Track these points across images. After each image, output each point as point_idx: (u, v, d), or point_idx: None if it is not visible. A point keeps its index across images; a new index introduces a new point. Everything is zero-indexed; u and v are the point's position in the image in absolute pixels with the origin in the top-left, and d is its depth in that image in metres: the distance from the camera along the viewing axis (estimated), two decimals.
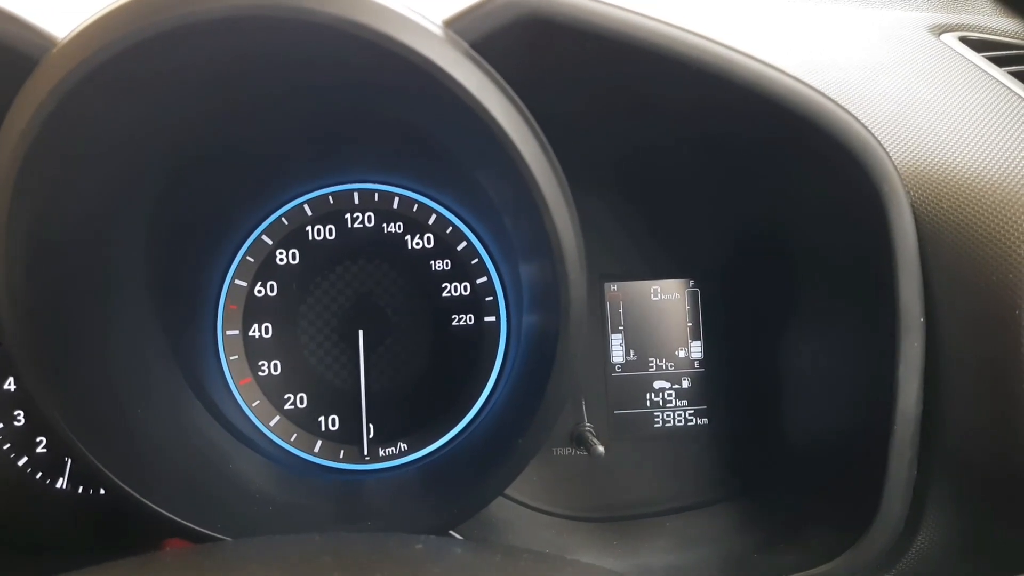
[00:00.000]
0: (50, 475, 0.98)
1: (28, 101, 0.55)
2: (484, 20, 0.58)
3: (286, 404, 1.00)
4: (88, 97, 0.55)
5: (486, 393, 1.01)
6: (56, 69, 0.54)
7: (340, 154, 0.92)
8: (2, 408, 0.98)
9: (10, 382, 0.99)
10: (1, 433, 0.98)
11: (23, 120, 0.54)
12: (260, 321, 1.00)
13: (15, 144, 0.55)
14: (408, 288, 1.02)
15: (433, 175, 0.94)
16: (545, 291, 0.69)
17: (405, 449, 1.00)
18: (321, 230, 1.01)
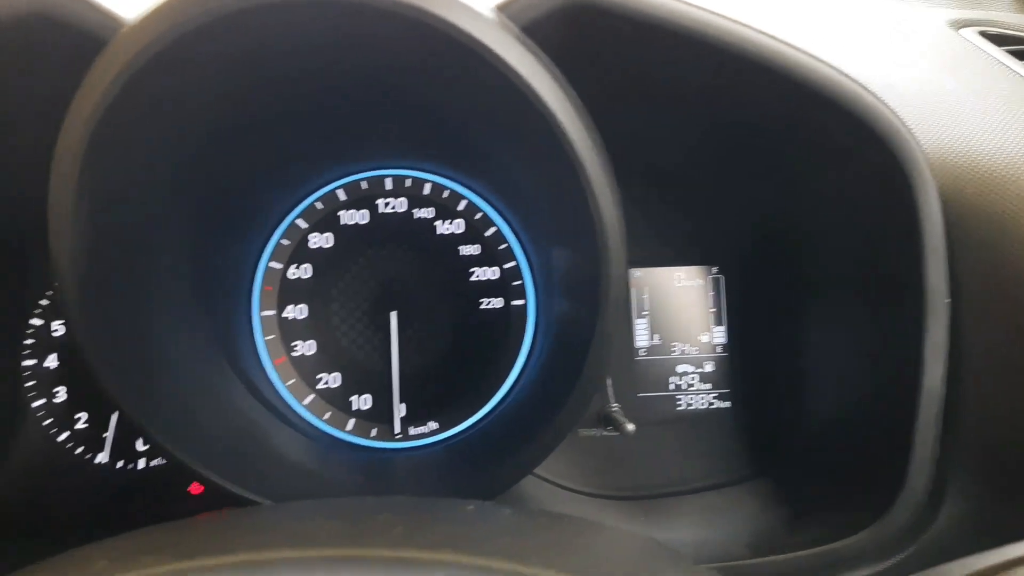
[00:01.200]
0: (90, 450, 1.01)
1: (97, 80, 0.57)
2: (534, 5, 0.60)
3: (319, 383, 1.02)
4: (155, 77, 0.58)
5: (515, 374, 1.03)
6: (127, 48, 0.56)
7: (374, 139, 0.94)
8: (43, 385, 1.01)
9: (49, 359, 1.01)
10: (43, 409, 1.00)
11: (93, 98, 0.57)
12: (294, 302, 1.02)
13: (85, 120, 0.57)
14: (438, 272, 1.04)
15: (466, 162, 0.96)
16: (583, 274, 0.72)
17: (436, 428, 1.02)
18: (354, 214, 1.03)
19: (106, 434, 1.01)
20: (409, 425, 1.02)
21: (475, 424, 1.03)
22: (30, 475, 0.99)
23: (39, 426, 1.00)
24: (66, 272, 0.63)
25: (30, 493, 0.98)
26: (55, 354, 1.01)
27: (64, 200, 0.61)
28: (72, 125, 0.59)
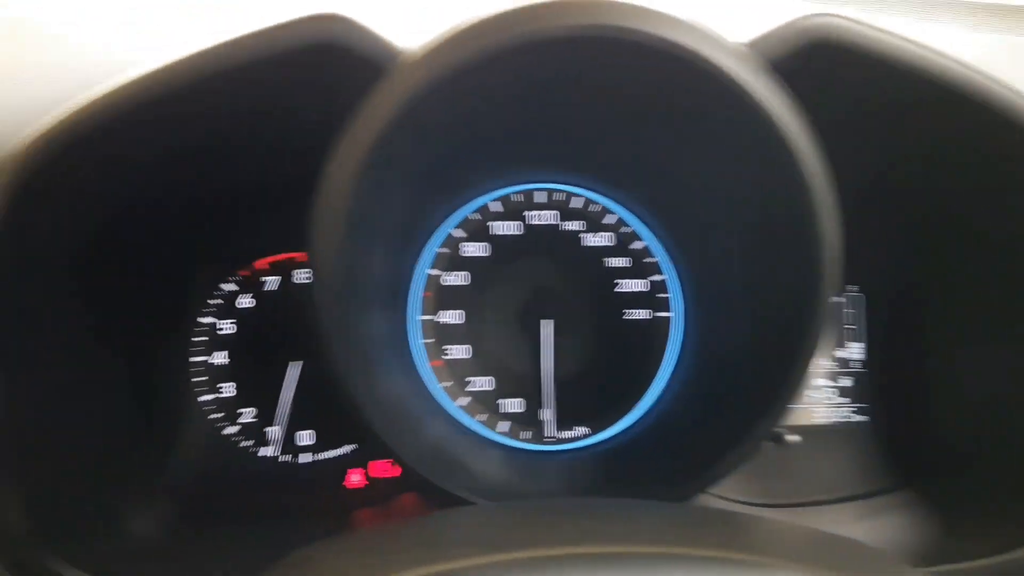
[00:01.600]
0: (257, 444, 1.06)
1: (380, 105, 0.62)
2: (783, 42, 0.65)
3: (473, 386, 1.07)
4: (428, 105, 0.63)
5: (661, 384, 1.08)
6: (410, 77, 0.61)
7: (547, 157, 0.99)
8: (211, 381, 1.06)
9: (217, 356, 1.07)
10: (211, 404, 1.06)
11: (374, 123, 0.62)
12: (450, 308, 1.07)
13: (368, 145, 0.62)
14: (585, 282, 1.09)
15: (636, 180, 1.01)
16: (783, 298, 0.76)
17: (586, 432, 1.07)
18: (507, 226, 1.08)
19: (270, 428, 1.06)
20: (559, 429, 1.07)
21: (624, 431, 1.07)
22: (199, 467, 1.04)
23: (207, 420, 1.05)
24: (330, 283, 0.68)
25: (199, 484, 1.03)
26: (223, 351, 1.06)
27: (335, 224, 0.66)
28: (352, 147, 0.63)
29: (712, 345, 0.99)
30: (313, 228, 0.69)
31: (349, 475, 1.08)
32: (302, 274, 1.07)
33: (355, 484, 1.08)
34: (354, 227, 0.69)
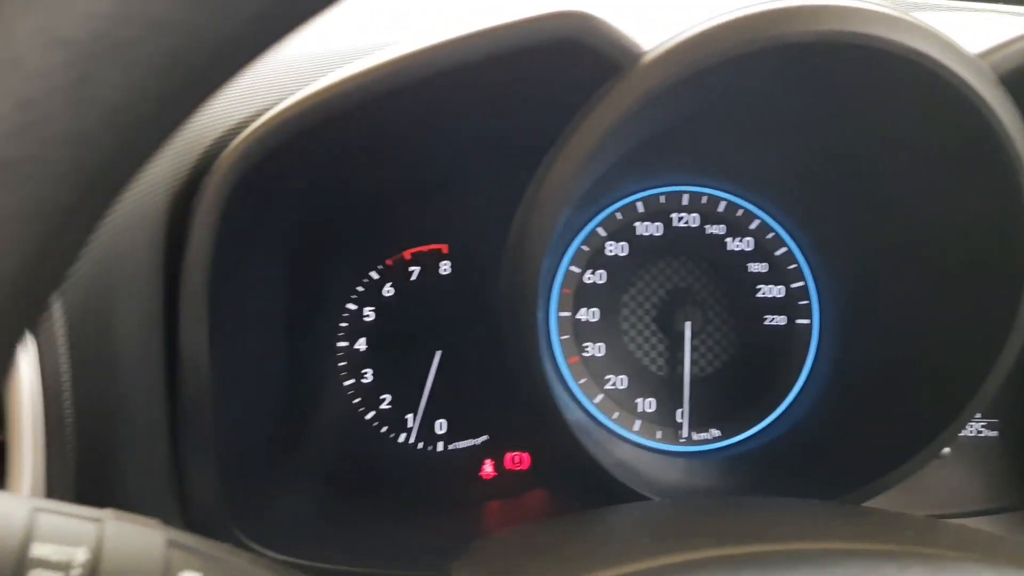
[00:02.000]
0: (394, 430, 1.09)
1: (617, 100, 0.63)
2: (1014, 56, 0.64)
3: (607, 384, 1.08)
4: (662, 102, 0.64)
5: (795, 391, 1.07)
6: (649, 76, 0.62)
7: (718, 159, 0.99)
8: (353, 366, 1.08)
9: (360, 342, 1.09)
10: (352, 388, 1.08)
11: (608, 119, 0.63)
12: (588, 306, 1.08)
13: (598, 140, 0.63)
14: (725, 286, 1.09)
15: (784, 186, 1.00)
16: (981, 319, 0.75)
17: (718, 435, 1.07)
18: (649, 226, 1.08)
19: (409, 415, 1.08)
20: (692, 430, 1.07)
21: (756, 436, 1.07)
22: (343, 449, 1.07)
23: (349, 404, 1.08)
24: (533, 283, 0.69)
25: (343, 466, 1.06)
26: (364, 338, 1.09)
27: (552, 214, 0.67)
28: (582, 139, 0.65)
29: (863, 355, 0.98)
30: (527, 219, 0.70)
31: (483, 466, 1.09)
32: (446, 266, 1.09)
33: (487, 475, 1.09)
34: (563, 217, 0.70)
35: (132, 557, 0.48)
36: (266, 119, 0.71)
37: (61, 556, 0.45)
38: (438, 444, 1.09)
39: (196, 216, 0.69)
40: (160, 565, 0.48)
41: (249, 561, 0.53)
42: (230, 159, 0.68)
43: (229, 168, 0.68)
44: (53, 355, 0.62)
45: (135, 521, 0.50)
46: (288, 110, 0.70)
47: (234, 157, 0.68)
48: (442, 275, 1.09)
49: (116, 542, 0.47)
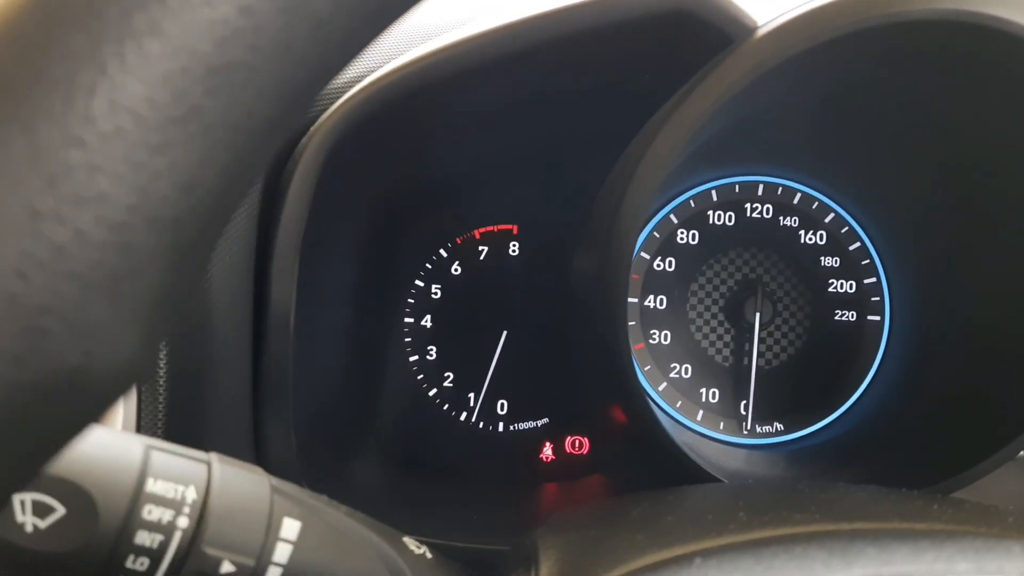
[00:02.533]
0: (455, 408, 1.09)
1: (728, 73, 0.63)
2: None
3: (672, 372, 1.07)
4: (771, 81, 0.63)
5: (862, 388, 1.06)
6: (762, 50, 0.62)
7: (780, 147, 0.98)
8: (418, 343, 1.09)
9: (425, 319, 1.09)
10: (416, 365, 1.09)
11: (717, 90, 0.63)
12: (656, 293, 1.07)
13: (703, 116, 0.63)
14: (795, 279, 1.08)
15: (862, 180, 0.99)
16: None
17: (781, 429, 1.06)
18: (721, 215, 1.07)
19: (471, 394, 1.09)
20: (756, 423, 1.06)
21: (820, 431, 1.06)
22: (404, 422, 1.07)
23: (414, 380, 1.08)
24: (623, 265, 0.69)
25: (407, 440, 1.07)
26: (430, 315, 1.09)
27: (650, 190, 0.67)
28: (687, 114, 0.64)
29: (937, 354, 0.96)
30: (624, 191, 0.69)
31: (542, 448, 1.09)
32: (515, 247, 1.09)
33: (547, 458, 1.09)
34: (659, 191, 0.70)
35: (239, 499, 0.48)
36: (363, 86, 0.71)
37: (173, 493, 0.46)
38: (499, 424, 1.09)
39: (295, 177, 0.69)
40: (265, 509, 0.48)
41: (346, 514, 0.54)
42: (329, 123, 0.69)
43: (327, 133, 0.69)
44: None
45: (240, 466, 0.51)
46: (385, 78, 0.71)
47: (333, 122, 0.69)
48: (511, 256, 1.09)
49: (223, 484, 0.48)
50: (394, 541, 0.54)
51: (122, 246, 0.26)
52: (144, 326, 0.26)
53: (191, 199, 0.27)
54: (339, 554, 0.50)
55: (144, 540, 0.44)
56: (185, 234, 0.27)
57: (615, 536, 0.56)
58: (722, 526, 0.52)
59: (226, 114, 0.26)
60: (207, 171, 0.27)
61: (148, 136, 0.26)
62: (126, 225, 0.26)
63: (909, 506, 0.58)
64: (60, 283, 0.25)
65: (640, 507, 0.61)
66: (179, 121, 0.26)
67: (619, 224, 0.69)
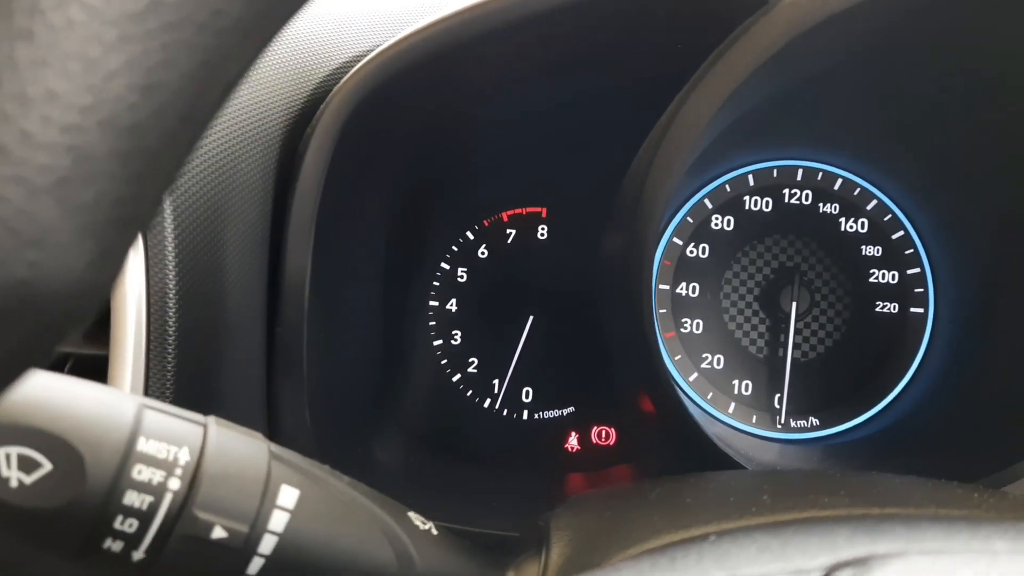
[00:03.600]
0: (479, 394, 1.06)
1: (762, 35, 0.60)
2: None
3: (703, 363, 1.04)
4: (805, 40, 0.60)
5: (903, 383, 1.01)
6: (797, 11, 0.59)
7: (819, 130, 0.94)
8: (443, 327, 1.06)
9: (451, 303, 1.07)
10: (440, 350, 1.06)
11: (751, 53, 0.59)
12: (689, 280, 1.04)
13: (737, 79, 0.60)
14: (835, 269, 1.03)
15: (909, 164, 0.95)
16: None
17: (817, 424, 1.02)
18: (758, 201, 1.04)
19: (496, 380, 1.06)
20: (790, 417, 1.02)
21: (857, 427, 1.01)
22: (427, 406, 1.05)
23: (438, 364, 1.06)
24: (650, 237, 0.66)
25: (429, 424, 1.05)
26: (455, 298, 1.06)
27: (677, 161, 0.64)
28: (722, 73, 0.61)
29: (984, 349, 0.92)
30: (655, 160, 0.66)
31: (567, 438, 1.06)
32: (543, 230, 1.06)
33: (573, 448, 1.06)
34: (687, 166, 0.67)
35: (234, 464, 0.46)
36: (382, 50, 0.69)
37: (165, 454, 0.44)
38: (523, 412, 1.07)
39: (312, 141, 0.68)
40: (262, 475, 0.46)
41: (348, 484, 0.51)
42: (349, 86, 0.67)
43: (347, 96, 0.66)
44: (161, 270, 0.61)
45: (239, 431, 0.49)
46: (403, 41, 0.68)
47: (353, 83, 0.67)
48: (539, 239, 1.07)
49: (219, 447, 0.46)
50: (398, 515, 0.51)
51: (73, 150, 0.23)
52: (97, 239, 0.24)
53: (152, 103, 0.24)
54: (339, 525, 0.48)
55: (133, 501, 0.42)
56: (146, 141, 0.25)
57: (630, 518, 0.53)
58: (743, 508, 0.48)
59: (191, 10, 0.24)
60: (170, 72, 0.25)
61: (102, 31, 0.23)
62: (78, 127, 0.24)
63: (947, 494, 0.54)
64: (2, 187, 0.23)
65: (659, 490, 0.58)
66: (137, 16, 0.24)
67: (646, 194, 0.66)
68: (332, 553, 0.47)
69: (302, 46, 0.73)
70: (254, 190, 0.68)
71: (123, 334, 0.59)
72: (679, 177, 0.66)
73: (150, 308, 0.60)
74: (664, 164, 0.65)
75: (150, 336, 0.60)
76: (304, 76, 0.72)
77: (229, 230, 0.65)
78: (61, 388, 0.43)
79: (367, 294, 0.94)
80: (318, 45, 0.74)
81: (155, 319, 0.60)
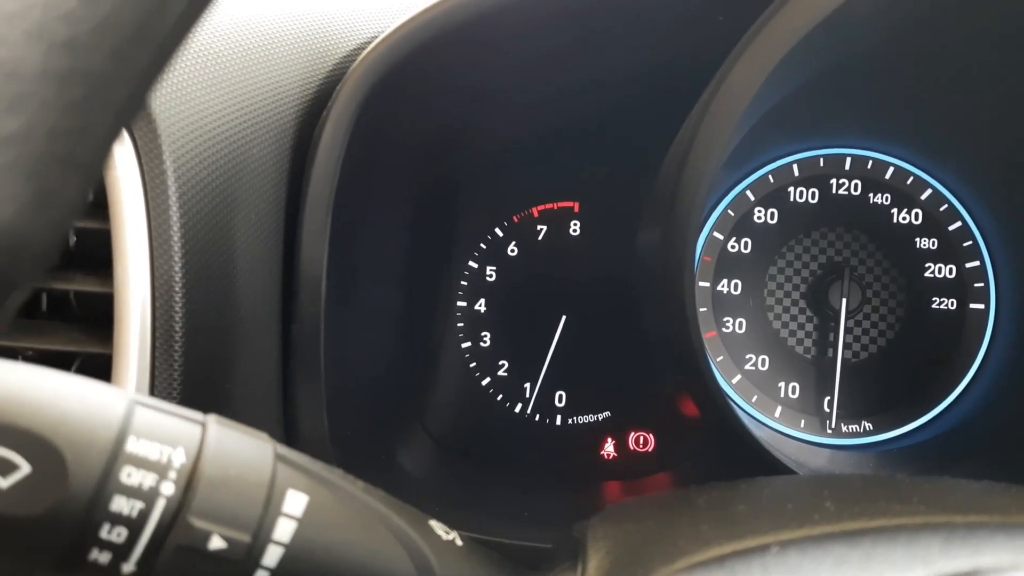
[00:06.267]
0: (510, 399, 1.01)
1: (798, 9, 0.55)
2: None
3: (747, 364, 0.98)
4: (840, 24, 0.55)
5: (963, 385, 0.95)
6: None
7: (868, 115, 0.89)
8: (471, 328, 1.02)
9: (479, 303, 1.02)
10: (468, 352, 1.02)
11: (790, 27, 0.55)
12: (730, 277, 0.99)
13: (777, 54, 0.55)
14: (887, 263, 0.98)
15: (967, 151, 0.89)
16: None
17: (870, 429, 0.96)
18: (804, 192, 0.98)
19: (527, 384, 1.01)
20: (841, 422, 0.96)
21: (914, 432, 0.95)
22: (454, 411, 1.01)
23: (466, 368, 1.01)
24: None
25: (457, 429, 1.00)
26: (484, 298, 1.02)
27: (722, 134, 0.59)
28: (759, 55, 0.57)
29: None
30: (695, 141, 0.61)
31: (603, 444, 1.01)
32: (576, 226, 1.01)
33: (609, 455, 1.01)
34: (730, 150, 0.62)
35: (236, 467, 0.42)
36: (399, 25, 0.65)
37: (158, 455, 0.39)
38: (556, 417, 1.02)
39: (327, 126, 0.63)
40: (266, 479, 0.42)
41: (363, 490, 0.47)
42: (363, 65, 0.63)
43: (363, 75, 0.63)
44: (167, 263, 0.57)
45: (241, 430, 0.44)
46: (420, 15, 0.64)
47: (368, 62, 0.63)
48: (571, 236, 1.02)
49: (219, 448, 0.42)
50: (419, 524, 0.47)
51: None
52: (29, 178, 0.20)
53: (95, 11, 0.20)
54: (352, 534, 0.43)
55: (122, 507, 0.38)
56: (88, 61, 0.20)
57: (676, 527, 0.48)
58: (804, 516, 0.43)
59: None
60: None
61: None
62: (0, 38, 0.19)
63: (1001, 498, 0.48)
64: None
65: (706, 496, 0.53)
66: None
67: (684, 183, 0.61)
68: (344, 565, 0.43)
69: (317, 27, 0.69)
70: (267, 178, 0.64)
71: (126, 331, 0.55)
72: (720, 163, 0.61)
73: (155, 303, 0.56)
74: (703, 150, 0.60)
75: (155, 333, 0.56)
76: (319, 58, 0.68)
77: (240, 220, 0.61)
78: (42, 382, 0.39)
79: (390, 292, 0.90)
80: (333, 26, 0.70)
81: (160, 315, 0.56)
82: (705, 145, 0.60)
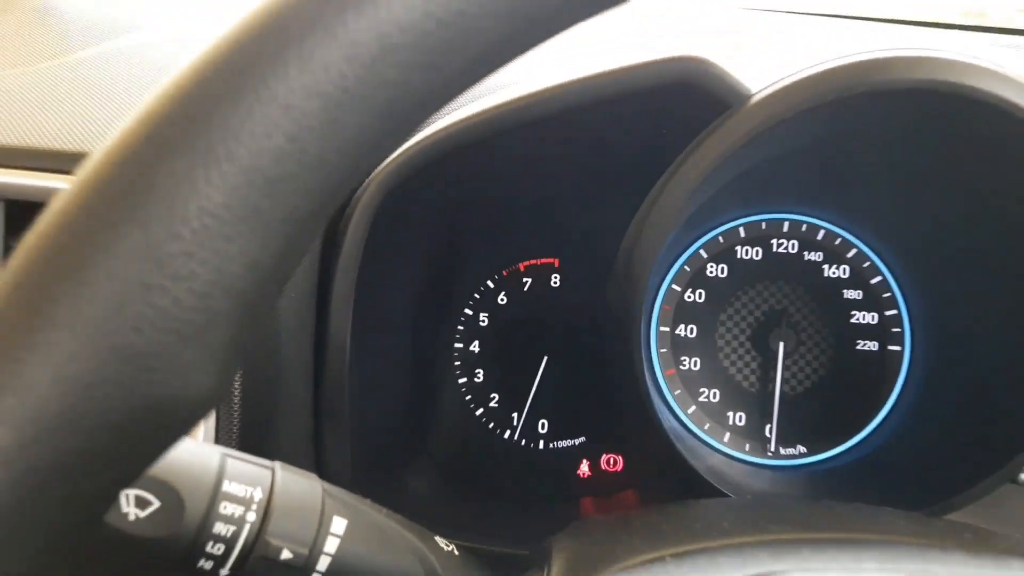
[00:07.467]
0: (500, 426, 1.19)
1: (726, 135, 0.72)
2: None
3: (701, 396, 1.15)
4: (764, 140, 0.71)
5: (881, 416, 1.12)
6: (756, 114, 0.71)
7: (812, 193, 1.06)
8: (466, 366, 1.19)
9: (474, 345, 1.20)
10: (465, 387, 1.19)
11: (716, 150, 0.72)
12: (686, 322, 1.15)
13: (709, 167, 0.72)
14: (819, 311, 1.14)
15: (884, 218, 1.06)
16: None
17: (804, 452, 1.13)
18: (749, 250, 1.15)
19: (515, 414, 1.18)
20: (779, 445, 1.13)
21: (841, 454, 1.12)
22: (454, 440, 1.18)
23: (463, 400, 1.18)
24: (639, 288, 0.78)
25: (455, 456, 1.17)
26: (478, 340, 1.19)
27: (661, 235, 0.76)
28: (694, 167, 0.74)
29: (951, 381, 1.02)
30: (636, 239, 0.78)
31: (580, 465, 1.18)
32: (556, 279, 1.19)
33: (584, 474, 1.18)
34: (669, 238, 0.79)
35: (297, 500, 0.59)
36: (411, 144, 0.82)
37: (244, 493, 0.56)
38: (539, 442, 1.19)
39: (349, 225, 0.81)
40: (318, 508, 0.59)
41: (386, 515, 0.64)
42: (380, 177, 0.80)
43: (380, 185, 0.79)
44: None
45: (299, 473, 0.61)
46: (431, 136, 0.81)
47: (384, 175, 0.80)
48: (552, 287, 1.19)
49: (284, 487, 0.59)
50: (426, 539, 0.64)
51: (205, 310, 0.36)
52: (220, 365, 0.37)
53: (255, 274, 0.37)
54: (379, 547, 0.61)
55: (220, 530, 0.55)
56: (250, 300, 0.37)
57: (618, 541, 0.65)
58: (704, 532, 0.60)
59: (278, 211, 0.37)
60: (265, 253, 0.37)
61: (224, 230, 0.36)
62: (208, 294, 0.36)
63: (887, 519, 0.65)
64: (163, 336, 0.36)
65: (646, 518, 0.70)
66: (245, 219, 0.36)
67: (633, 266, 0.79)
68: (374, 571, 0.60)
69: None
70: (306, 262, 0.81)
71: None
72: (662, 250, 0.78)
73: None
74: (648, 243, 0.77)
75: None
76: None
77: (285, 298, 0.78)
78: None
79: (401, 341, 1.07)
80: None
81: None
82: (648, 245, 0.78)
